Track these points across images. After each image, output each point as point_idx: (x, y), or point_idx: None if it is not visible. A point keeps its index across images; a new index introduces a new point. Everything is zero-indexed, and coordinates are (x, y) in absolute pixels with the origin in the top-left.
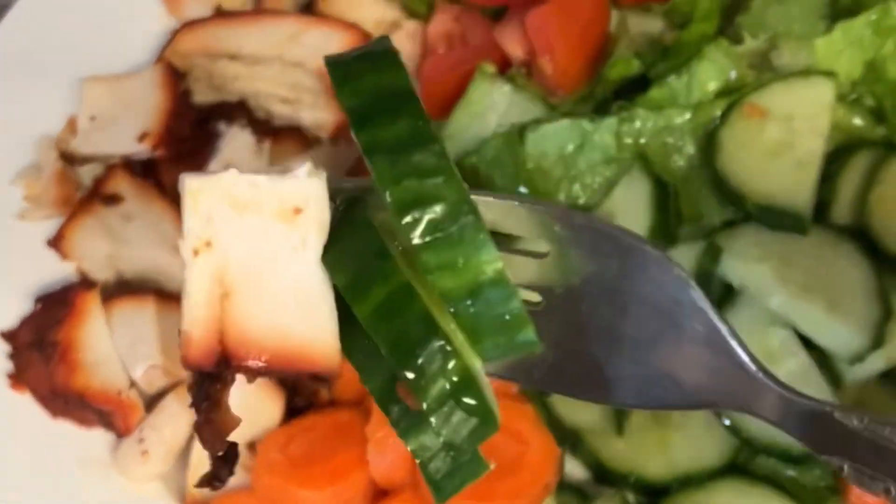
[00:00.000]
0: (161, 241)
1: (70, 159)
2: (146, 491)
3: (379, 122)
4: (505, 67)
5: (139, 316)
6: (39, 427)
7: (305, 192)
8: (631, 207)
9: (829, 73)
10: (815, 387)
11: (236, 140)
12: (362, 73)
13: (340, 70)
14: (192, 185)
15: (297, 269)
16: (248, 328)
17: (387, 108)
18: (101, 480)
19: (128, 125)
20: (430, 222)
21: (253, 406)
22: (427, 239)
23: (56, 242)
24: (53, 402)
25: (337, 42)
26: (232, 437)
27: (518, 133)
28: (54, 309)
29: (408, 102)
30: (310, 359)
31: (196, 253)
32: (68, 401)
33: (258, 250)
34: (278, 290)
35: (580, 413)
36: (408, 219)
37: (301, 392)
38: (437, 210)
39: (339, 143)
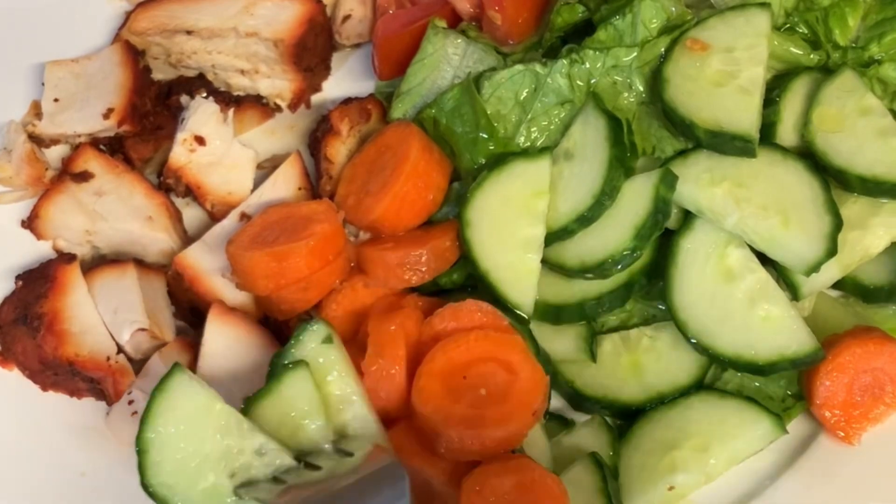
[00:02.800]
0: (134, 214)
1: (38, 141)
2: None
3: None
4: (454, 23)
5: (121, 283)
6: (31, 401)
7: None
8: (588, 144)
9: (764, 4)
10: (774, 300)
11: (200, 110)
12: None
13: None
14: None
15: None
16: None
17: None
18: (94, 446)
19: (92, 104)
20: None
21: (244, 358)
22: None
23: (31, 222)
24: (43, 375)
25: (289, 11)
26: (230, 391)
27: (474, 82)
28: (36, 284)
29: None
30: None
31: None
32: (58, 372)
33: None
34: None
35: (555, 344)
36: None
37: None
38: None
39: (299, 110)
